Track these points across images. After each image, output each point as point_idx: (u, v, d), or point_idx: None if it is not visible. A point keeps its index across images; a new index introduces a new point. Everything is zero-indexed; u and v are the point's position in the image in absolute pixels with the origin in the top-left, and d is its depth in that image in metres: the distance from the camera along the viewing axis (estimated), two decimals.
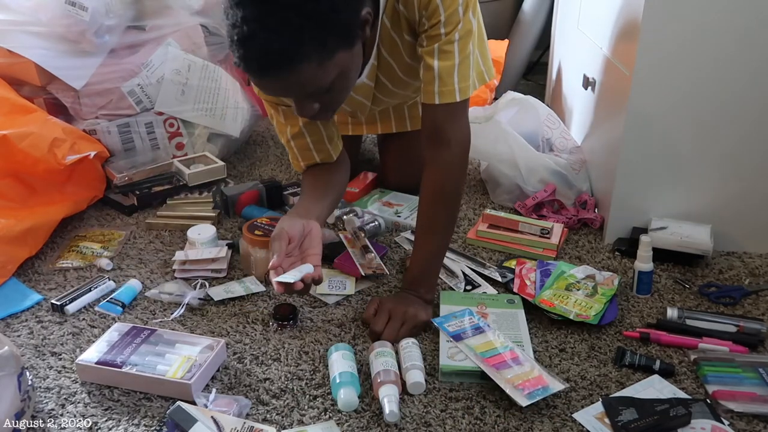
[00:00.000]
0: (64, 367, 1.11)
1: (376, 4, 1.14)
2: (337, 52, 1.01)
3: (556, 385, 1.02)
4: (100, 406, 1.02)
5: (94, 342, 1.11)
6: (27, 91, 1.66)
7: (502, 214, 1.54)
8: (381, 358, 1.06)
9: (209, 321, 1.22)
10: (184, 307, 1.24)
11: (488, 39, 2.39)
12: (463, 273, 1.35)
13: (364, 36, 1.07)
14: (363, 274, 1.33)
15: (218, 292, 1.28)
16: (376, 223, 1.50)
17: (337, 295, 1.29)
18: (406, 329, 1.15)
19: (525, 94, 1.79)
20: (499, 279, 1.33)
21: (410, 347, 1.09)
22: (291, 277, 1.02)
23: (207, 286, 1.29)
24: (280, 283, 1.02)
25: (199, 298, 1.25)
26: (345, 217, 1.52)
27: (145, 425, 0.98)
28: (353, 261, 1.36)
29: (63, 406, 1.02)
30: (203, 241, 1.38)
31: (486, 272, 1.36)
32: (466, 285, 1.32)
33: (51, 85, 1.66)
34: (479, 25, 1.25)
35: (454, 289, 1.31)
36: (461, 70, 1.17)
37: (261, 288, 1.30)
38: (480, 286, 1.32)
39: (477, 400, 1.03)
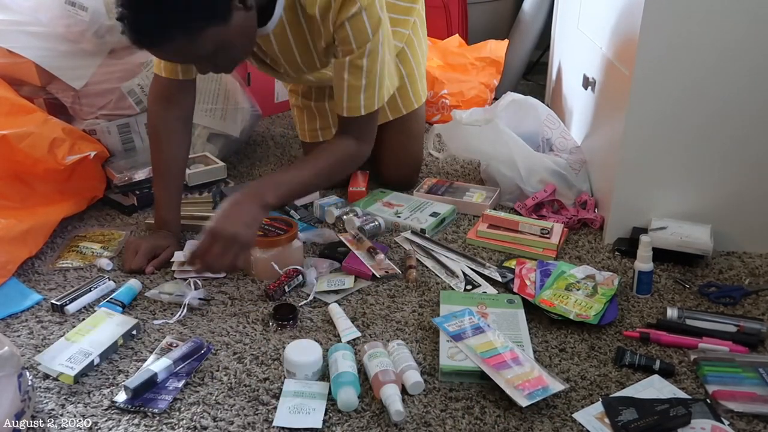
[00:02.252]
0: None
1: None
2: (206, 29, 1.10)
3: (556, 386, 1.01)
4: (100, 406, 1.02)
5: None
6: (27, 91, 1.65)
7: (502, 214, 1.54)
8: (375, 359, 1.06)
9: (209, 321, 1.22)
10: (185, 308, 1.24)
11: (488, 39, 2.43)
12: (463, 273, 1.35)
13: (246, 7, 1.16)
14: (378, 276, 1.33)
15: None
16: (376, 223, 1.50)
17: (336, 292, 1.29)
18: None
19: (525, 94, 1.79)
20: (500, 279, 1.33)
21: (399, 349, 1.09)
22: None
23: (200, 285, 1.29)
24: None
25: (199, 298, 1.25)
26: (345, 217, 1.52)
27: (145, 425, 0.98)
28: (361, 262, 1.35)
29: (63, 406, 1.02)
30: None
31: (486, 272, 1.36)
32: (466, 285, 1.32)
33: (51, 85, 1.66)
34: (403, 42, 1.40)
35: (454, 289, 1.31)
36: (368, 89, 1.32)
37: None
38: (480, 285, 1.32)
39: (477, 400, 1.03)
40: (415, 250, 1.44)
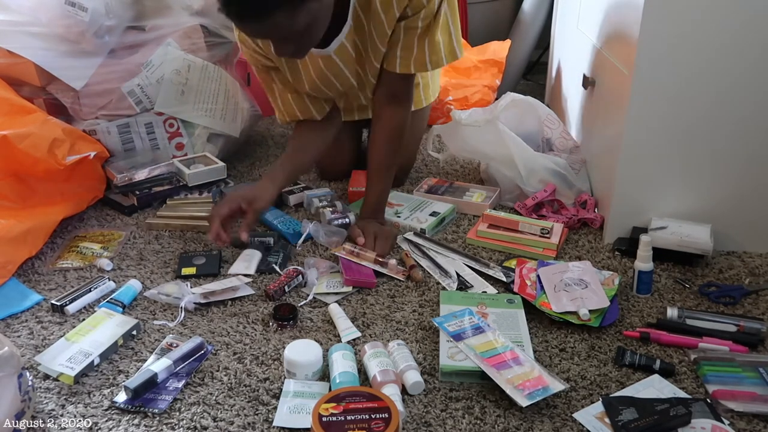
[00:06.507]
0: None
1: None
2: (306, 3, 1.13)
3: (556, 386, 1.01)
4: (100, 406, 1.02)
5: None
6: (27, 91, 1.65)
7: (502, 214, 1.54)
8: (376, 359, 1.06)
9: (209, 321, 1.22)
10: (183, 312, 1.23)
11: (488, 39, 2.43)
12: (457, 273, 1.35)
13: None
14: (401, 279, 1.34)
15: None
16: (347, 220, 1.53)
17: (335, 293, 1.29)
18: (390, 243, 1.45)
19: (525, 94, 1.79)
20: (504, 279, 1.33)
21: (399, 349, 1.10)
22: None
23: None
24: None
25: (194, 303, 1.25)
26: (321, 210, 1.54)
27: (145, 425, 0.98)
28: (361, 273, 1.33)
29: (63, 406, 1.02)
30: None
31: (490, 272, 1.36)
32: (458, 287, 1.32)
33: (51, 85, 1.66)
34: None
35: (446, 289, 1.31)
36: (431, 45, 1.36)
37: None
38: (473, 286, 1.32)
39: (477, 400, 1.03)
40: (412, 250, 1.44)
